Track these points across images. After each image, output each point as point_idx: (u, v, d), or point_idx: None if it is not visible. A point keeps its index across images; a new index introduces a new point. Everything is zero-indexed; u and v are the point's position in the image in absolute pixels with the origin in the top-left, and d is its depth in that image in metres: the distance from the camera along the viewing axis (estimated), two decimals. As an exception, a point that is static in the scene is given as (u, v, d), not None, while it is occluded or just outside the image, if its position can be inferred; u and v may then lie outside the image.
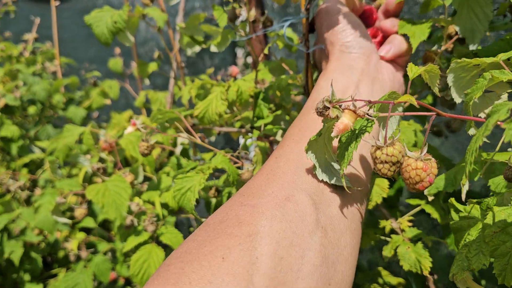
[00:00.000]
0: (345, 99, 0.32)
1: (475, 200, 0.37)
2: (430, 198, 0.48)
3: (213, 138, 0.94)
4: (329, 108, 0.32)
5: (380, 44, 0.56)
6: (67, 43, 1.26)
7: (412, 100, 0.30)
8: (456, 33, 0.52)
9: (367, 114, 0.31)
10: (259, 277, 0.29)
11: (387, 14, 0.57)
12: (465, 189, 0.29)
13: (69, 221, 0.74)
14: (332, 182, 0.37)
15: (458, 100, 0.40)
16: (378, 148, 0.31)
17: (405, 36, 0.53)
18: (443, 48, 0.53)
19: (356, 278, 0.76)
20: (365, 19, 0.57)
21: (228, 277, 0.29)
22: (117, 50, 1.35)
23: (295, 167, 0.39)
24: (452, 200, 0.38)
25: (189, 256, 0.31)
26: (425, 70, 0.35)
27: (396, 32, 0.54)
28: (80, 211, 0.73)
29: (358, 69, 0.48)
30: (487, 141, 0.33)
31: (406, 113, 0.33)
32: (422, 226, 1.06)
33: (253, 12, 0.60)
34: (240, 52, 1.70)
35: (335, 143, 0.38)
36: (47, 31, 2.06)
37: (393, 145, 0.30)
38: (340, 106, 0.32)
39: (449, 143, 1.09)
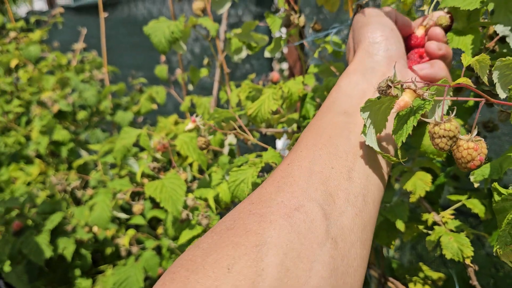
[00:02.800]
0: (405, 80, 0.35)
1: (519, 184, 0.41)
2: (476, 185, 0.51)
3: (254, 140, 0.99)
4: (391, 87, 0.35)
5: None
6: (111, 52, 1.33)
7: (469, 81, 0.34)
8: (497, 34, 0.54)
9: (425, 94, 0.35)
10: None
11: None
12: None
13: (127, 216, 0.80)
14: (378, 149, 0.40)
15: (502, 95, 0.43)
16: (436, 124, 0.34)
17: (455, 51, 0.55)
18: (486, 47, 0.56)
19: (397, 273, 0.79)
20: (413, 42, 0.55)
21: None
22: (163, 57, 1.42)
23: (307, 175, 0.38)
24: (495, 184, 0.42)
25: (195, 264, 0.30)
26: (477, 60, 0.38)
27: (441, 57, 0.52)
28: (138, 207, 0.78)
29: (379, 73, 0.47)
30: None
31: (459, 98, 0.37)
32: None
33: (303, 18, 0.65)
34: (275, 58, 1.75)
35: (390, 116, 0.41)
36: (90, 40, 2.16)
37: (450, 121, 0.34)
38: (402, 86, 0.35)
39: (488, 143, 1.11)
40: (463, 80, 0.34)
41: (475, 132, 0.35)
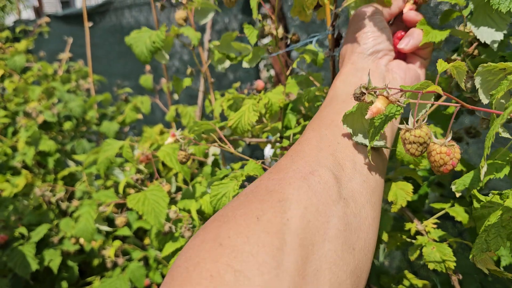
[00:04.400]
0: (380, 86, 0.36)
1: (496, 192, 0.41)
2: (458, 195, 0.51)
3: (240, 149, 0.99)
4: (365, 93, 0.36)
5: None
6: (99, 60, 1.33)
7: (439, 89, 0.34)
8: (477, 39, 0.55)
9: (398, 101, 0.35)
10: (291, 235, 0.32)
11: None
12: (483, 170, 0.33)
13: (110, 229, 0.79)
14: (367, 144, 0.42)
15: (485, 101, 0.43)
16: (407, 130, 0.35)
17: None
18: (466, 53, 0.56)
19: (382, 281, 0.79)
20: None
21: (264, 234, 0.31)
22: (147, 67, 1.42)
23: (317, 149, 0.42)
24: (475, 191, 0.42)
25: (226, 218, 0.33)
26: (453, 66, 0.38)
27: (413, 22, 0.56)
28: (120, 220, 0.78)
29: (366, 70, 0.51)
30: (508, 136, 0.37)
31: (434, 103, 0.37)
32: (449, 232, 1.08)
33: (281, 30, 0.65)
34: (262, 65, 1.75)
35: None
36: (78, 49, 2.15)
37: (420, 128, 0.34)
38: (375, 92, 0.36)
39: (472, 150, 1.11)
40: (434, 88, 0.34)
41: (449, 137, 0.35)
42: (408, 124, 0.35)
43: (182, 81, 0.91)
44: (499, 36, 0.51)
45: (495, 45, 0.51)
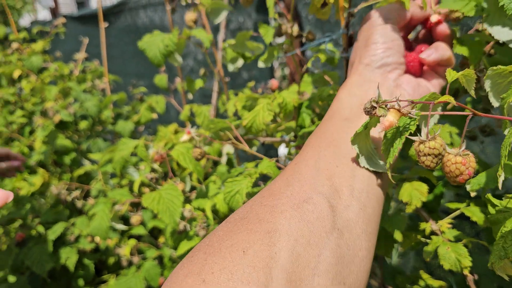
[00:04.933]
0: (391, 99, 0.36)
1: (511, 195, 0.40)
2: (473, 194, 0.51)
3: (254, 149, 0.99)
4: (375, 107, 0.36)
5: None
6: (114, 60, 1.34)
7: (451, 99, 0.34)
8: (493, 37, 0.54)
9: (410, 113, 0.35)
10: (278, 270, 0.31)
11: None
12: (501, 179, 0.32)
13: (125, 227, 0.80)
14: (372, 168, 0.41)
15: (495, 104, 0.42)
16: (421, 142, 0.34)
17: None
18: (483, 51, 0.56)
19: (397, 281, 0.79)
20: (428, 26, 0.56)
21: (249, 269, 0.30)
22: (162, 67, 1.42)
23: (314, 172, 0.40)
24: (489, 195, 0.41)
25: (212, 248, 0.32)
26: (462, 75, 0.38)
27: (445, 39, 0.53)
28: (136, 218, 0.78)
29: (374, 84, 0.48)
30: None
31: (446, 112, 0.37)
32: (466, 232, 1.07)
33: (297, 28, 0.65)
34: (277, 64, 1.75)
35: (376, 134, 0.43)
36: (93, 49, 2.18)
37: (434, 139, 0.34)
38: (386, 105, 0.35)
39: (490, 150, 1.10)
40: (446, 98, 0.33)
41: (463, 146, 0.35)
42: (421, 136, 0.35)
43: (195, 82, 0.91)
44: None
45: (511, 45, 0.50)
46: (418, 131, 0.40)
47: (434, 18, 0.53)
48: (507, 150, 0.31)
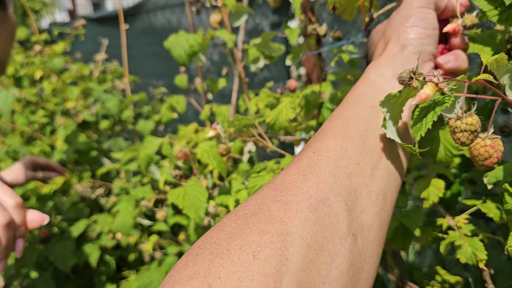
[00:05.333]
0: (428, 73, 0.36)
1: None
2: (490, 187, 0.52)
3: (273, 147, 1.01)
4: (413, 78, 0.36)
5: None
6: (132, 61, 1.37)
7: (490, 77, 0.34)
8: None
9: (445, 89, 0.35)
10: (288, 277, 0.29)
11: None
12: None
13: (150, 222, 0.82)
14: (398, 140, 0.40)
15: (511, 96, 0.44)
16: (458, 118, 0.34)
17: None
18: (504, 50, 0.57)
19: (414, 276, 0.80)
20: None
21: (258, 276, 0.28)
22: (182, 67, 1.45)
23: (333, 167, 0.37)
24: (507, 185, 0.43)
25: (219, 248, 0.30)
26: (495, 59, 0.39)
27: (463, 49, 0.51)
28: (161, 214, 0.81)
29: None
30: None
31: (477, 95, 0.37)
32: (481, 230, 1.08)
33: (324, 27, 0.67)
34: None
35: (407, 106, 0.41)
36: (112, 50, 2.22)
37: (471, 115, 0.34)
38: (424, 78, 0.36)
39: (506, 149, 1.11)
40: (485, 76, 0.34)
41: (491, 130, 0.35)
42: (457, 113, 0.35)
43: (218, 82, 0.94)
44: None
45: None
46: (447, 111, 0.40)
47: (449, 28, 0.51)
48: None
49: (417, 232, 0.62)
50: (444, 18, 0.52)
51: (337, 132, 0.41)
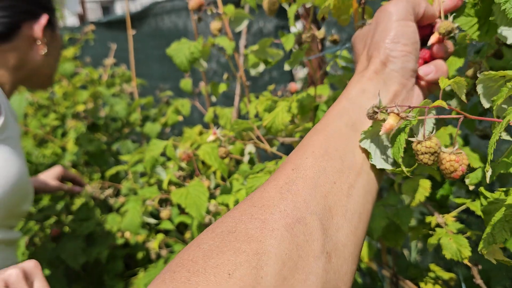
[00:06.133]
0: (391, 105, 0.40)
1: (502, 189, 0.45)
2: (471, 187, 0.55)
3: (274, 148, 1.05)
4: (377, 112, 0.40)
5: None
6: (139, 64, 1.42)
7: (443, 104, 0.38)
8: (497, 45, 0.58)
9: (408, 116, 0.39)
10: None
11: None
12: (488, 174, 0.36)
13: (156, 221, 0.86)
14: (384, 167, 0.43)
15: (486, 105, 0.46)
16: (419, 142, 0.38)
17: None
18: (490, 54, 0.60)
19: (409, 273, 0.83)
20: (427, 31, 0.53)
21: None
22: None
23: (311, 186, 0.38)
24: (481, 189, 0.46)
25: (196, 266, 0.31)
26: (454, 82, 0.43)
27: (444, 57, 0.51)
28: (166, 213, 0.85)
29: (390, 92, 0.46)
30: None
31: (440, 116, 0.41)
32: (473, 227, 1.10)
33: (323, 31, 0.70)
34: (298, 67, 1.80)
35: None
36: (120, 53, 2.27)
37: (430, 139, 0.38)
38: (387, 110, 0.40)
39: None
40: (439, 103, 0.38)
41: (456, 145, 0.39)
42: (419, 137, 0.39)
43: (219, 86, 0.97)
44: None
45: None
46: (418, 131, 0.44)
47: (433, 40, 0.51)
48: (492, 148, 0.36)
49: (406, 230, 0.65)
50: (424, 24, 0.52)
51: (317, 149, 0.41)
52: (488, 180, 0.38)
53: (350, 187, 0.40)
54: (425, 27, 0.52)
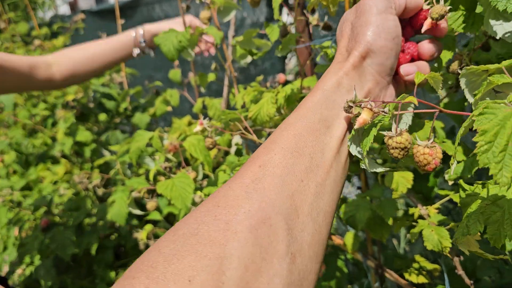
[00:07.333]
0: (365, 100, 0.40)
1: (480, 182, 0.45)
2: (450, 183, 0.55)
3: (263, 139, 1.04)
4: (352, 107, 0.40)
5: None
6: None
7: (414, 100, 0.39)
8: (485, 37, 0.58)
9: (383, 111, 0.39)
10: None
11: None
12: (453, 167, 0.36)
13: (142, 212, 0.86)
14: (382, 170, 0.44)
15: (471, 100, 0.46)
16: (390, 137, 0.39)
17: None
18: (476, 47, 0.60)
19: (395, 264, 0.84)
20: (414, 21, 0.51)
21: None
22: (176, 61, 1.49)
23: (278, 185, 0.37)
24: (461, 181, 0.46)
25: (156, 272, 0.30)
26: (430, 76, 0.43)
27: (429, 59, 0.50)
28: (151, 204, 0.85)
29: (365, 89, 0.46)
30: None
31: (415, 111, 0.41)
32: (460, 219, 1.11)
33: (316, 17, 0.69)
34: (288, 57, 1.79)
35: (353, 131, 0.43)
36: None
37: (401, 135, 0.38)
38: (361, 105, 0.40)
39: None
40: (411, 99, 0.38)
41: (431, 139, 0.39)
42: (391, 132, 0.39)
43: (207, 76, 0.97)
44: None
45: (507, 36, 0.49)
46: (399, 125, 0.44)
47: (426, 25, 0.49)
48: (457, 142, 0.36)
49: (390, 221, 0.65)
50: (411, 15, 0.51)
51: (287, 145, 0.40)
52: (451, 172, 0.37)
53: (317, 185, 0.39)
54: (413, 18, 0.51)
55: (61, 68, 1.04)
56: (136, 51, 1.10)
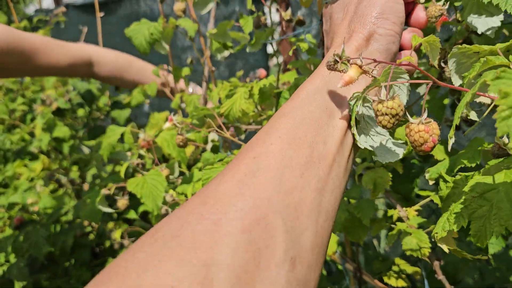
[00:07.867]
0: (353, 56, 0.35)
1: (463, 173, 0.42)
2: (431, 182, 0.52)
3: (243, 136, 1.01)
4: (338, 62, 0.35)
5: None
6: (115, 48, 1.36)
7: (412, 59, 0.34)
8: (467, 32, 0.55)
9: (372, 72, 0.34)
10: None
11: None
12: (451, 142, 0.32)
13: (113, 211, 0.83)
14: (387, 160, 0.40)
15: (457, 82, 0.42)
16: (380, 102, 0.34)
17: None
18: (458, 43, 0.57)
19: (374, 267, 0.81)
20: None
21: None
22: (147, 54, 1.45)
23: (274, 179, 0.32)
24: (442, 172, 0.43)
25: (127, 281, 0.25)
26: (427, 41, 0.38)
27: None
28: (122, 202, 0.81)
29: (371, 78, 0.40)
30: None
31: (410, 81, 0.37)
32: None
33: (289, 12, 0.66)
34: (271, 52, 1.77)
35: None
36: (96, 37, 2.21)
37: (393, 99, 0.33)
38: (348, 61, 0.35)
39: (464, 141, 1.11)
40: (408, 59, 0.34)
41: (425, 114, 0.34)
42: (381, 97, 0.34)
43: (181, 70, 0.93)
44: (495, 22, 0.48)
45: (489, 32, 0.49)
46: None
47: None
48: (460, 111, 0.31)
49: (367, 223, 0.63)
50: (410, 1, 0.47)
51: (285, 134, 0.35)
52: (449, 148, 0.33)
53: (319, 181, 0.34)
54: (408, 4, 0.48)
55: (100, 69, 1.14)
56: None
